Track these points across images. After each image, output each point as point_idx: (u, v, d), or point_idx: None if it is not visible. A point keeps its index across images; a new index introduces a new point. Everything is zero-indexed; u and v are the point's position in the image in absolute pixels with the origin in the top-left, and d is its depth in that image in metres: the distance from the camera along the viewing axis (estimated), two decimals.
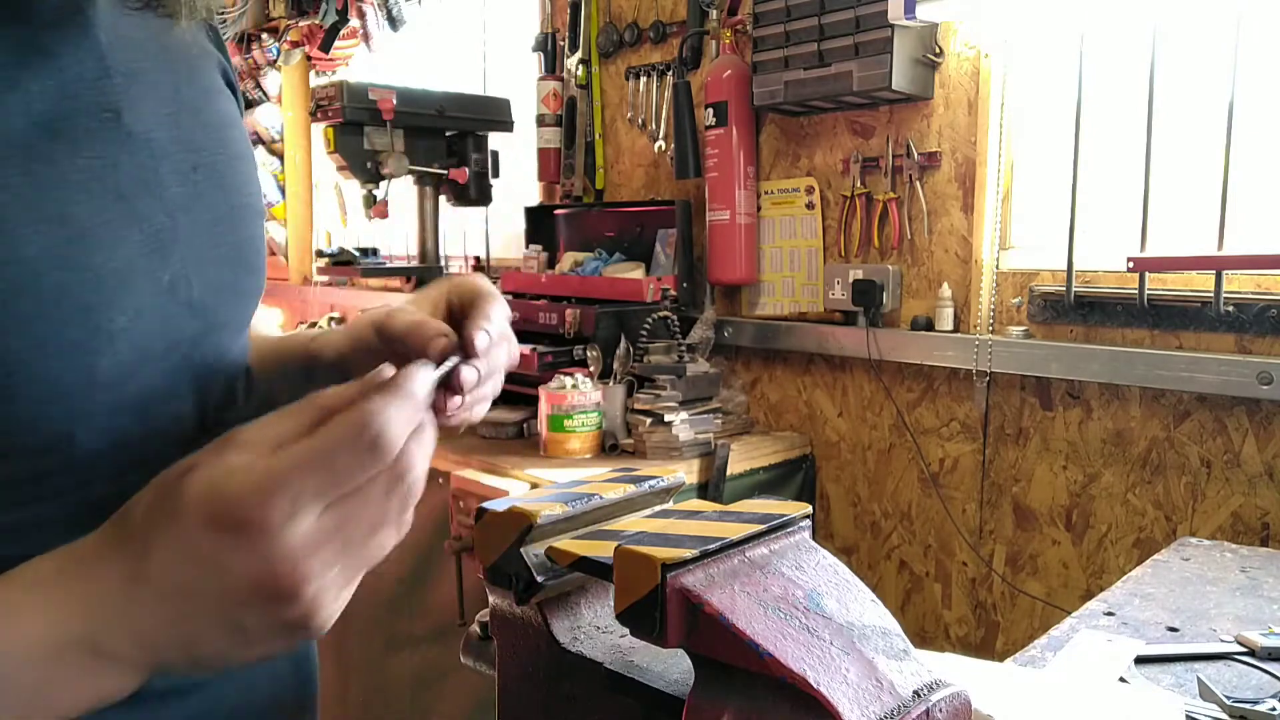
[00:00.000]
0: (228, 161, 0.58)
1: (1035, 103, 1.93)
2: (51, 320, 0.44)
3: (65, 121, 0.46)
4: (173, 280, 0.51)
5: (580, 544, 0.55)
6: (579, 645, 0.57)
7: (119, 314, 0.47)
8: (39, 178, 0.44)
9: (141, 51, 0.52)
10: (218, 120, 0.59)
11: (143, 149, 0.51)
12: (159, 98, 0.53)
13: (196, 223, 0.54)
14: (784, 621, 0.47)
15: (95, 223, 0.47)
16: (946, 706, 0.46)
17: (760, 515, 0.55)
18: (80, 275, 0.46)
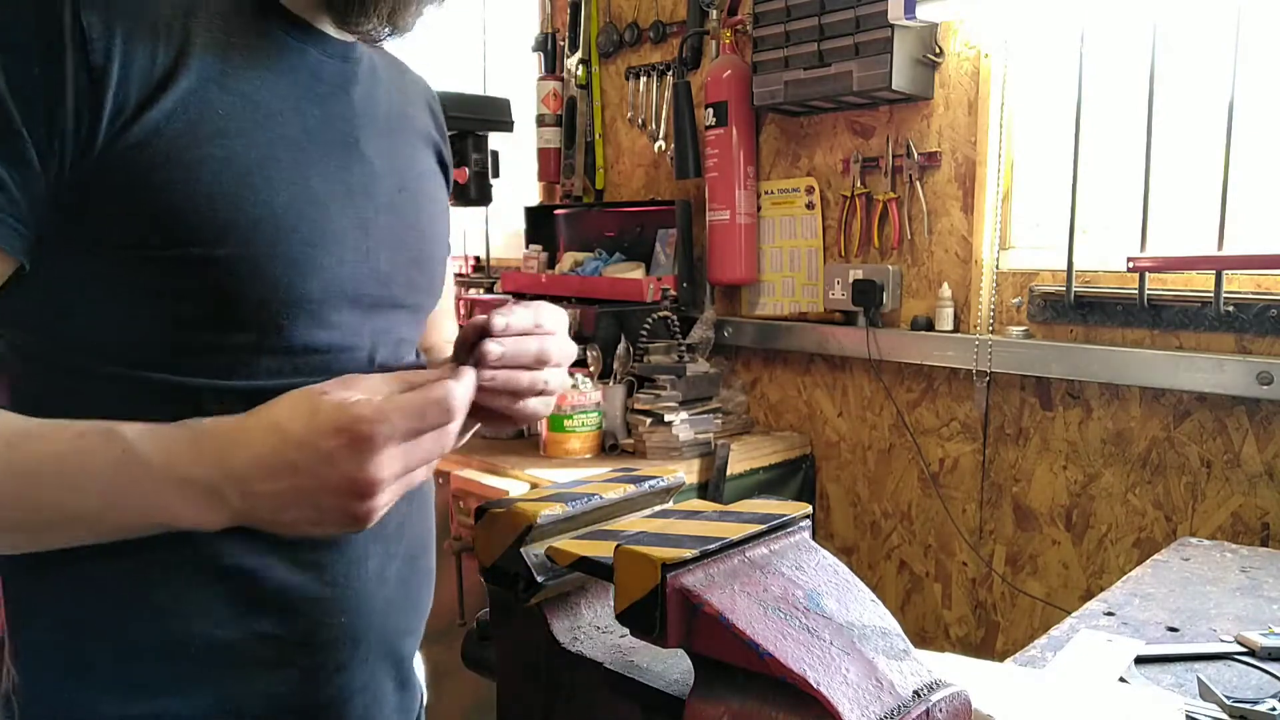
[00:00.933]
0: (425, 197, 0.84)
1: (1035, 103, 1.93)
2: (284, 244, 0.68)
3: (324, 135, 0.73)
4: (369, 250, 0.75)
5: (580, 544, 0.55)
6: (579, 645, 0.57)
7: (326, 256, 0.71)
8: (300, 164, 0.71)
9: (377, 114, 0.79)
10: (422, 171, 0.86)
11: (369, 166, 0.77)
12: (382, 142, 0.79)
13: (392, 223, 0.78)
14: (784, 621, 0.47)
15: (328, 198, 0.72)
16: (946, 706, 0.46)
17: (760, 515, 0.55)
18: (308, 224, 0.70)
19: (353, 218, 0.74)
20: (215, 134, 0.66)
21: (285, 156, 0.70)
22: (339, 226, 0.73)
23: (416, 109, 0.89)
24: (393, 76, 0.86)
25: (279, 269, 0.68)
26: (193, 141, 0.65)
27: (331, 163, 0.73)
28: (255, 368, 0.69)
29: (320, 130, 0.73)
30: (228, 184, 0.66)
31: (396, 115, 0.83)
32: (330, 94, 0.75)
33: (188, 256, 0.65)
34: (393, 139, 0.81)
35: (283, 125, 0.70)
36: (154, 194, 0.63)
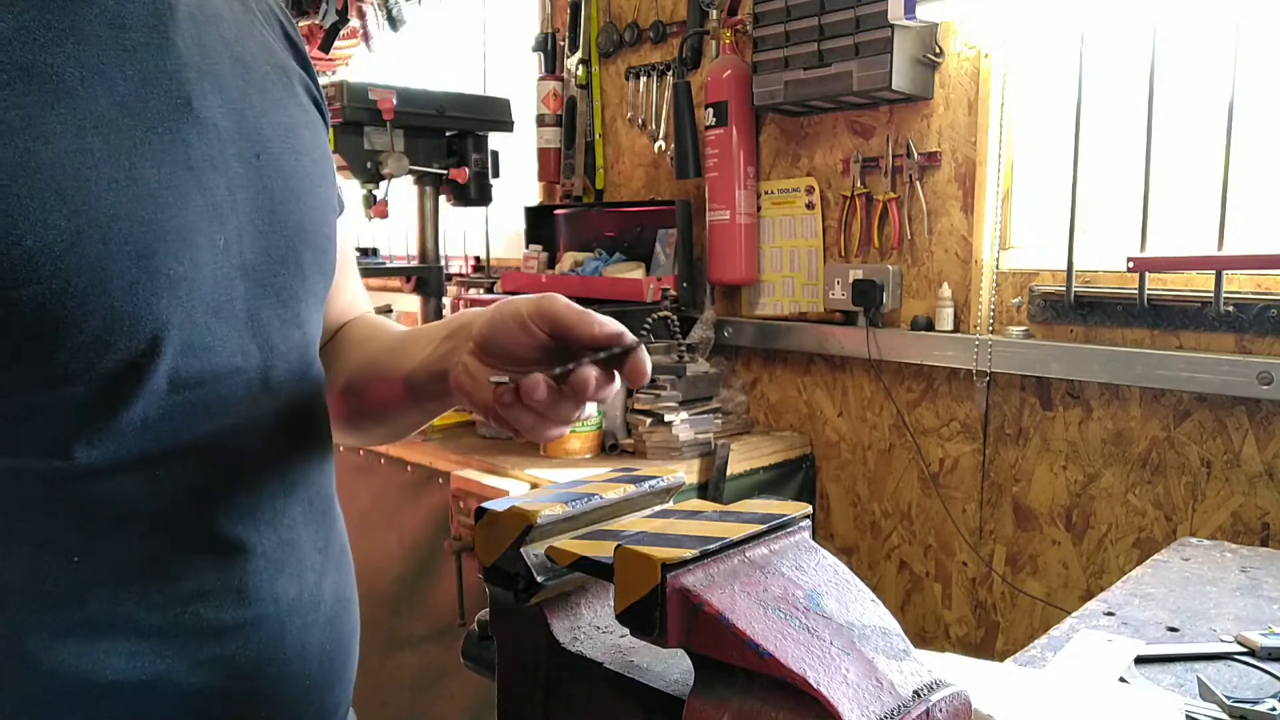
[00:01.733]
0: (293, 156, 0.67)
1: (1035, 103, 1.93)
2: (116, 262, 0.53)
3: (142, 103, 0.56)
4: (228, 242, 0.60)
5: (580, 544, 0.55)
6: (579, 645, 0.57)
7: (177, 263, 0.56)
8: (116, 147, 0.54)
9: (212, 59, 0.61)
10: (286, 122, 0.67)
11: (211, 133, 0.60)
12: (225, 94, 0.62)
13: (256, 199, 0.63)
14: (784, 621, 0.47)
15: (163, 187, 0.56)
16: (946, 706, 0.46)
17: (760, 515, 0.55)
18: (145, 227, 0.55)
19: (200, 205, 0.58)
20: (18, 138, 0.51)
21: (98, 145, 0.53)
22: (183, 221, 0.57)
23: (268, 33, 0.70)
24: (228, 6, 0.67)
25: (118, 297, 0.53)
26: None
27: (161, 138, 0.57)
28: (119, 425, 0.55)
29: (137, 97, 0.56)
30: (25, 198, 0.50)
31: (244, 52, 0.65)
32: (144, 44, 0.57)
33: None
34: (242, 87, 0.64)
35: (86, 100, 0.53)
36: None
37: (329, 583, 0.69)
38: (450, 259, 3.15)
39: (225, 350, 0.61)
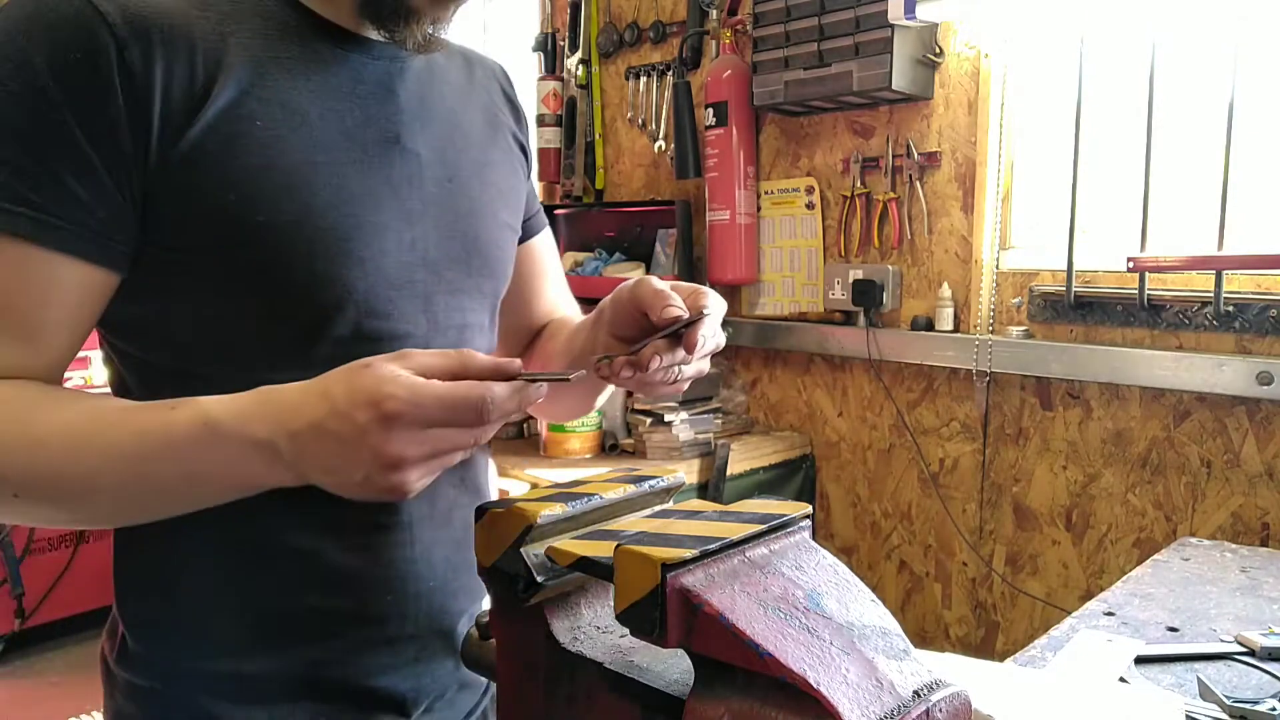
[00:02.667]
0: (480, 185, 0.87)
1: (1035, 103, 1.93)
2: (321, 241, 0.73)
3: (364, 135, 0.78)
4: (414, 239, 0.79)
5: (580, 544, 0.55)
6: (579, 645, 0.57)
7: (366, 249, 0.75)
8: (335, 163, 0.75)
9: (429, 109, 0.84)
10: (481, 159, 0.88)
11: (412, 160, 0.81)
12: (432, 134, 0.83)
13: (442, 212, 0.82)
14: (784, 621, 0.47)
15: (366, 194, 0.77)
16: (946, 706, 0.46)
17: (760, 515, 0.55)
18: (346, 220, 0.75)
19: (394, 210, 0.78)
20: (254, 144, 0.72)
21: (322, 159, 0.75)
22: (379, 220, 0.77)
23: (486, 98, 0.94)
24: (457, 70, 0.91)
25: (320, 265, 0.73)
26: (233, 152, 0.71)
27: (372, 160, 0.78)
28: (313, 358, 0.73)
29: (360, 130, 0.78)
30: (266, 190, 0.72)
31: (456, 108, 0.87)
32: (373, 94, 0.79)
33: (237, 259, 0.72)
34: (449, 130, 0.85)
35: (320, 129, 0.75)
36: (202, 202, 0.70)
37: (459, 513, 0.83)
38: None
39: (400, 317, 0.78)
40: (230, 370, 0.72)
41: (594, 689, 0.55)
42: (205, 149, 0.70)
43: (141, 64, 0.68)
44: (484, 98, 0.93)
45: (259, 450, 0.65)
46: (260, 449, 0.64)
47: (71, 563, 3.53)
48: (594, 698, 0.55)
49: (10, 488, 0.66)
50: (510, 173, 0.93)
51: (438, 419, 0.61)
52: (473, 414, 0.61)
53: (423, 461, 0.62)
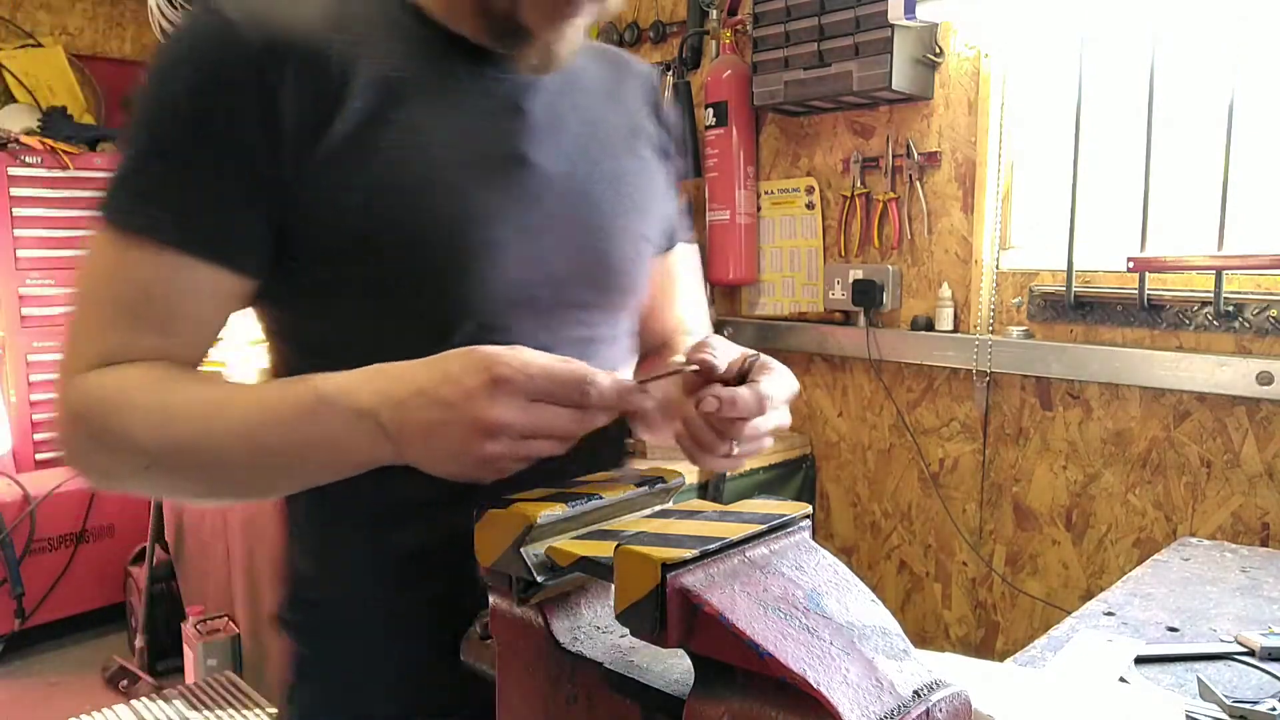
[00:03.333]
0: (615, 198, 0.87)
1: (1035, 103, 1.93)
2: (440, 259, 0.76)
3: (489, 151, 0.80)
4: (537, 256, 0.81)
5: (580, 544, 0.55)
6: (579, 645, 0.57)
7: (488, 266, 0.78)
8: (460, 181, 0.78)
9: (561, 123, 0.85)
10: (617, 170, 0.88)
11: (538, 176, 0.82)
12: (562, 149, 0.84)
13: (568, 227, 0.83)
14: (784, 621, 0.47)
15: (488, 211, 0.79)
16: (946, 706, 0.46)
17: (760, 515, 0.55)
18: (467, 237, 0.78)
19: (516, 226, 0.80)
20: (380, 161, 0.75)
21: (445, 177, 0.78)
22: (500, 236, 0.79)
23: (630, 109, 0.93)
24: (602, 78, 0.91)
25: (442, 281, 0.77)
26: (359, 169, 0.75)
27: (495, 178, 0.80)
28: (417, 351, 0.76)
29: (484, 148, 0.80)
30: (386, 208, 0.75)
31: (595, 119, 0.88)
32: (500, 110, 0.81)
33: (360, 274, 0.76)
34: (581, 144, 0.86)
35: (444, 147, 0.78)
36: (326, 218, 0.75)
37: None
38: None
39: (518, 333, 0.78)
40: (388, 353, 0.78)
41: (594, 689, 0.55)
42: (331, 167, 0.74)
43: (276, 86, 0.73)
44: (629, 106, 0.93)
45: (361, 420, 0.67)
46: (363, 419, 0.67)
47: (71, 563, 3.53)
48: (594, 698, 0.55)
49: (145, 459, 0.72)
50: (648, 183, 0.93)
51: (543, 390, 0.63)
52: (575, 392, 0.63)
53: (520, 437, 0.63)
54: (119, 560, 3.51)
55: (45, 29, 4.30)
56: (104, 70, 4.43)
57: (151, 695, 2.75)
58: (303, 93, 0.74)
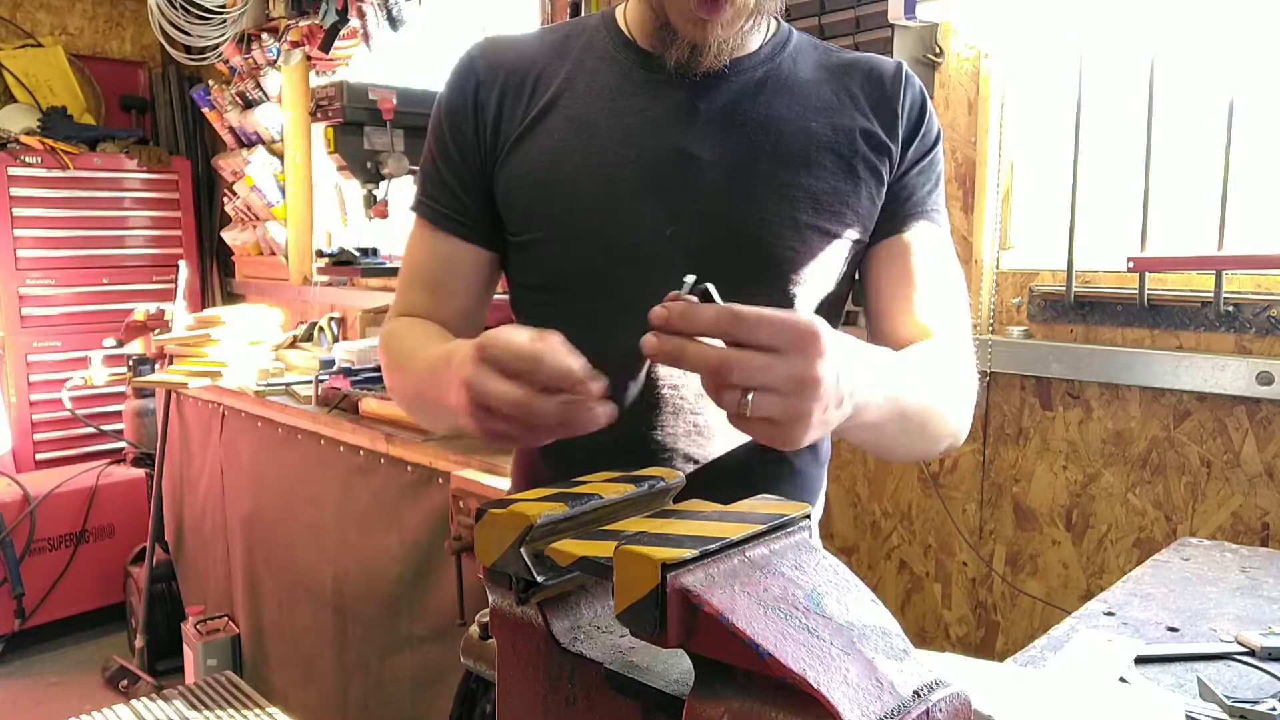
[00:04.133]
0: (777, 187, 0.95)
1: (1035, 103, 1.93)
2: (587, 233, 0.94)
3: (640, 143, 0.94)
4: (675, 233, 0.93)
5: (580, 544, 0.55)
6: (579, 645, 0.57)
7: (619, 238, 0.93)
8: (610, 164, 0.93)
9: (734, 120, 0.95)
10: (789, 164, 0.95)
11: (690, 164, 0.93)
12: (727, 143, 0.94)
13: (713, 213, 0.93)
14: (784, 621, 0.47)
15: (629, 191, 0.93)
16: (946, 706, 0.46)
17: (760, 515, 0.55)
18: (607, 216, 0.93)
19: (657, 206, 0.93)
20: (546, 153, 0.95)
21: (597, 164, 0.94)
22: (639, 213, 0.93)
23: (842, 104, 0.99)
24: (813, 79, 0.99)
25: (585, 256, 0.94)
26: (526, 158, 0.96)
27: (646, 163, 0.93)
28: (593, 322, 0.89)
29: (646, 140, 0.94)
30: (549, 190, 0.95)
31: (781, 116, 0.96)
32: (672, 109, 0.95)
33: (538, 245, 0.98)
34: (751, 138, 0.95)
35: (606, 139, 0.94)
36: (510, 197, 0.98)
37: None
38: None
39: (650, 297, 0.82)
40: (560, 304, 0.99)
41: (594, 689, 0.55)
42: (511, 156, 0.97)
43: (485, 101, 0.99)
44: (839, 104, 0.99)
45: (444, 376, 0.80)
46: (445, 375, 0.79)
47: (71, 563, 3.53)
48: (594, 698, 0.55)
49: (393, 392, 1.03)
50: (835, 177, 0.97)
51: (510, 365, 0.69)
52: (528, 366, 0.68)
53: (500, 407, 0.69)
54: (119, 560, 3.51)
55: (45, 29, 4.30)
56: (104, 70, 4.44)
57: (151, 695, 2.75)
58: (503, 104, 0.98)
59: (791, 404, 0.60)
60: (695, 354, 0.61)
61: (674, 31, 0.90)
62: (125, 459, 3.75)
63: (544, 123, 0.96)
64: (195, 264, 4.32)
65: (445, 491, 1.96)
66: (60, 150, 3.93)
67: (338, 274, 3.08)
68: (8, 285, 3.85)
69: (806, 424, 0.61)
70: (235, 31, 3.80)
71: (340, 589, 2.40)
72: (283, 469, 2.63)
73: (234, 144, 4.18)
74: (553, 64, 0.99)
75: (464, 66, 1.02)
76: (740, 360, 0.60)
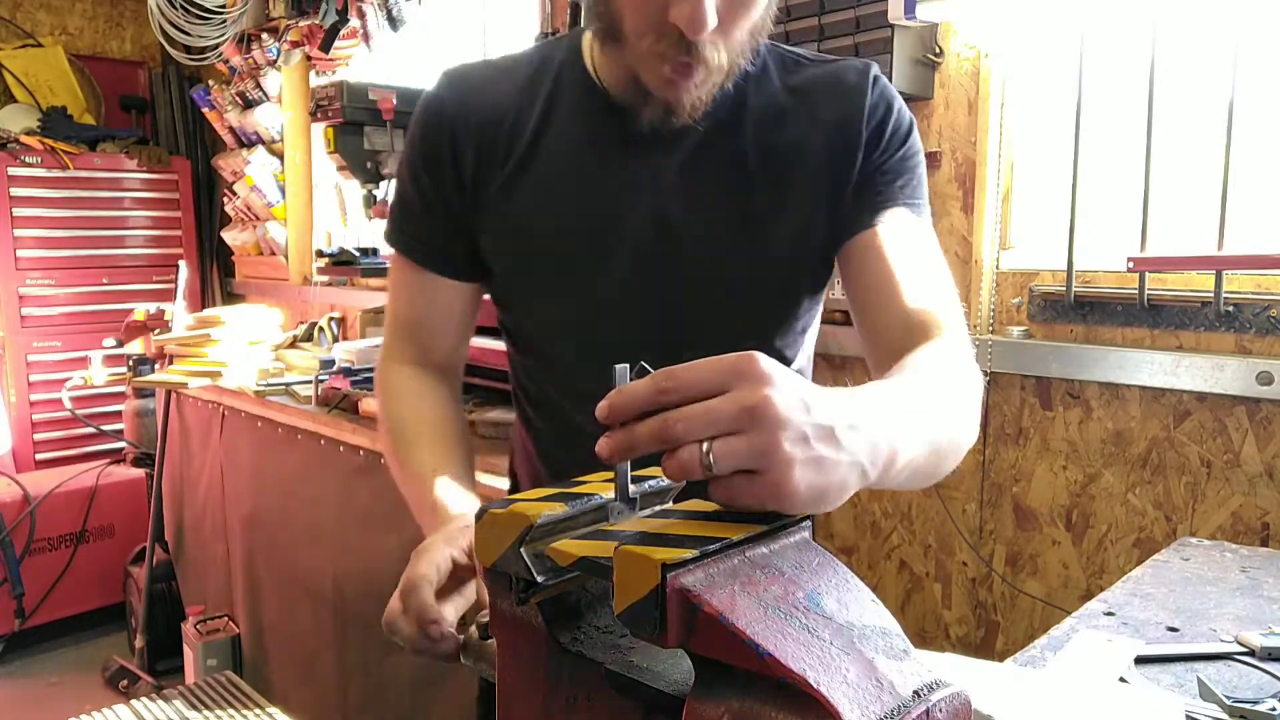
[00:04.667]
0: (736, 236, 0.99)
1: (1035, 103, 1.93)
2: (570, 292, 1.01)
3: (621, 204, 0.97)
4: (648, 289, 0.99)
5: (580, 544, 0.55)
6: (579, 645, 0.57)
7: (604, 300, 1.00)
8: (591, 231, 0.99)
9: (696, 175, 0.98)
10: (757, 198, 0.98)
11: (664, 225, 0.97)
12: (696, 204, 0.98)
13: (689, 268, 0.98)
14: (784, 621, 0.47)
15: (589, 231, 0.98)
16: (946, 706, 0.46)
17: (760, 515, 0.55)
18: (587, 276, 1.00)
19: (633, 265, 0.97)
20: (527, 219, 0.99)
21: (572, 232, 0.98)
22: (617, 274, 0.97)
23: (798, 145, 0.99)
24: (772, 116, 0.99)
25: (548, 286, 1.01)
26: (504, 214, 1.00)
27: (620, 228, 0.97)
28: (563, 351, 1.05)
29: (617, 201, 0.97)
30: (526, 254, 1.01)
31: (742, 165, 0.98)
32: (645, 170, 0.97)
33: (505, 288, 1.06)
34: (719, 193, 0.98)
35: (579, 205, 0.98)
36: (491, 245, 1.02)
37: None
38: None
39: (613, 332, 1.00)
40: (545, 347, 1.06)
41: (594, 689, 0.55)
42: (489, 208, 1.00)
43: (461, 145, 1.00)
44: (805, 129, 0.99)
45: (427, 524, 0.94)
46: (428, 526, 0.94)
47: (71, 563, 3.53)
48: (594, 698, 0.55)
49: (383, 433, 1.07)
50: (804, 207, 0.99)
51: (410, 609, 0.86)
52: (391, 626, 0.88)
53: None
54: (119, 560, 3.51)
55: (45, 29, 4.30)
56: (104, 70, 4.44)
57: (151, 695, 2.75)
58: (479, 149, 0.99)
59: (753, 440, 0.53)
60: (642, 432, 0.55)
61: (646, 91, 0.91)
62: (125, 459, 3.75)
63: (519, 184, 0.99)
64: (195, 264, 4.32)
65: None
66: (60, 150, 3.93)
67: (338, 274, 3.08)
68: (8, 285, 3.85)
69: (787, 461, 0.53)
70: (235, 31, 3.80)
71: (340, 589, 2.40)
72: (283, 469, 2.63)
73: (234, 144, 4.18)
74: (523, 109, 0.99)
75: (434, 107, 1.02)
76: (682, 412, 0.54)
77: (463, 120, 0.99)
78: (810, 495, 0.55)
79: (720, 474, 0.53)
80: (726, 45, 0.87)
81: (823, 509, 0.57)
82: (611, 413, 0.56)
